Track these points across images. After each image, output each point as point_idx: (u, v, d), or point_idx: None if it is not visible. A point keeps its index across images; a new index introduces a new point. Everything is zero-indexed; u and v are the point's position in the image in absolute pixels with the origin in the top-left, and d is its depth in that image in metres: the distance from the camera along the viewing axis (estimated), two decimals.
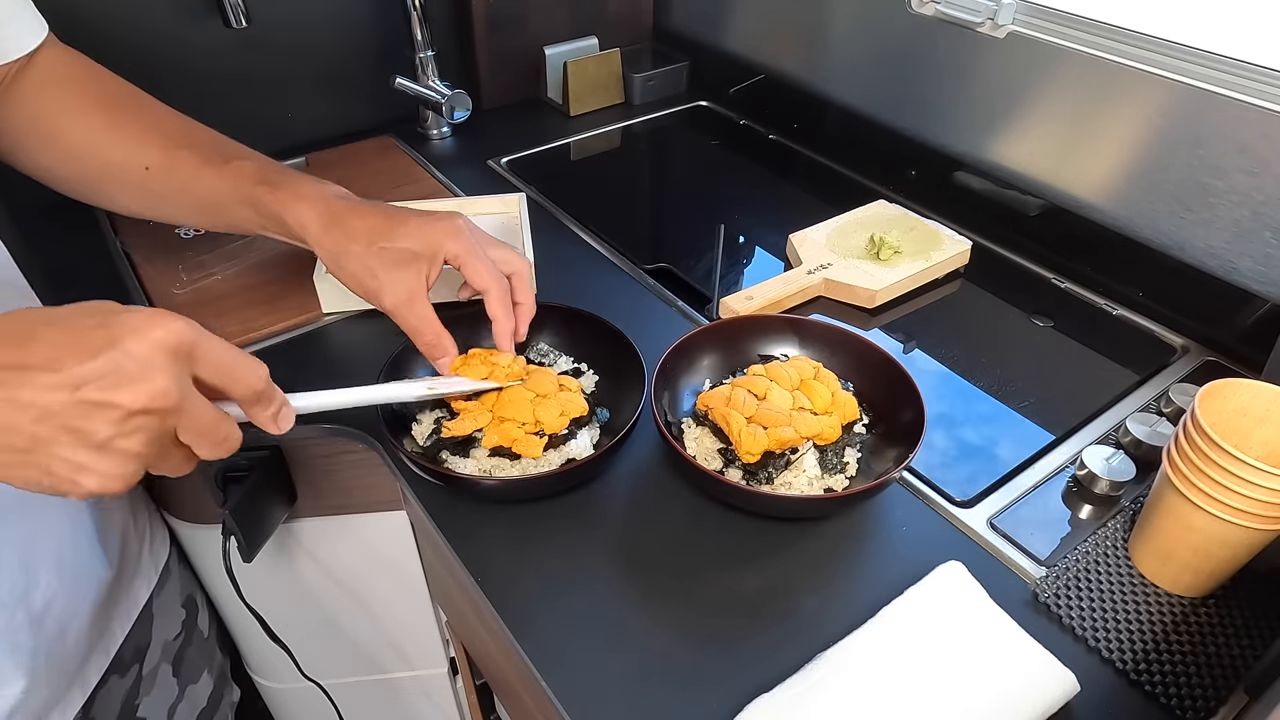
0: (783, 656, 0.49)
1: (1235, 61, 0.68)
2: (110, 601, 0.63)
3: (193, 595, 0.77)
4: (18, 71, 0.61)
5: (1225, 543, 0.49)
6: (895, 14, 0.91)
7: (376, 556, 0.79)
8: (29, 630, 0.55)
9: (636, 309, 0.78)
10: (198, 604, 0.77)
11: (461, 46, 1.09)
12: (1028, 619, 0.52)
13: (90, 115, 0.63)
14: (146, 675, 0.67)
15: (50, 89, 0.62)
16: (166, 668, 0.70)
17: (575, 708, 0.47)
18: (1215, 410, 0.50)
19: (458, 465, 0.59)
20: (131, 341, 0.39)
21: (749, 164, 1.07)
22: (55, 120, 0.62)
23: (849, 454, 0.60)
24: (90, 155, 0.63)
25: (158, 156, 0.63)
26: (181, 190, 0.64)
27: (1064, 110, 0.80)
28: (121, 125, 0.63)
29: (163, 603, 0.70)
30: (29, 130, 0.62)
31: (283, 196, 0.61)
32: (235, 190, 0.62)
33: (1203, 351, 0.74)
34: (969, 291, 0.83)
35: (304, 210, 0.61)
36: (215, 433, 0.43)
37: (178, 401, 0.40)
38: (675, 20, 1.21)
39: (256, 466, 0.66)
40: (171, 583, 0.73)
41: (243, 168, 0.62)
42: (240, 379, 0.44)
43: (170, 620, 0.72)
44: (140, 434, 0.39)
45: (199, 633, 0.76)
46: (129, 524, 0.67)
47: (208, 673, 0.77)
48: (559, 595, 0.53)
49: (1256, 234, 0.69)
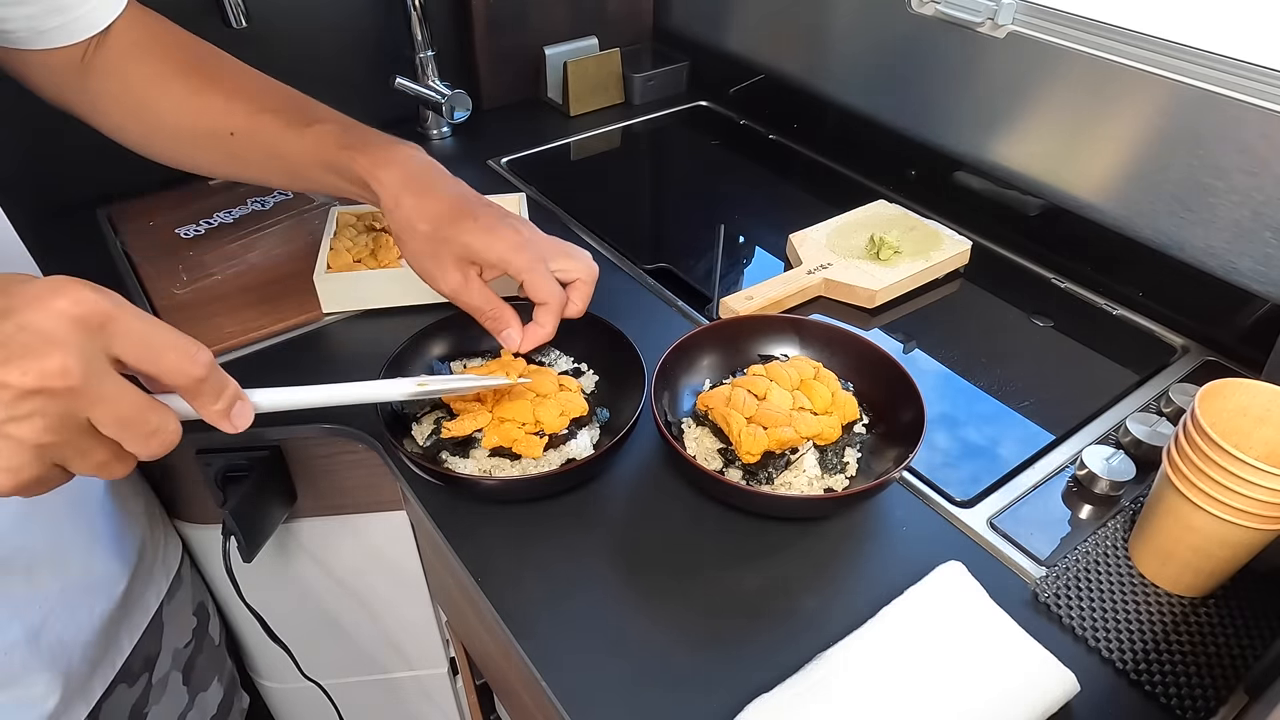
0: (783, 656, 0.49)
1: (1235, 61, 0.68)
2: (122, 612, 0.62)
3: (204, 603, 0.76)
4: (99, 43, 0.60)
5: (1225, 543, 0.49)
6: (895, 14, 0.91)
7: (376, 556, 0.79)
8: (34, 641, 0.54)
9: (636, 309, 0.78)
10: (209, 611, 0.77)
11: (461, 46, 1.09)
12: (1028, 619, 0.52)
13: (173, 83, 0.62)
14: (156, 684, 0.66)
15: (133, 60, 0.62)
16: (177, 675, 0.69)
17: (575, 707, 0.47)
18: (1215, 410, 0.50)
19: (458, 465, 0.59)
20: (29, 311, 0.33)
21: (749, 164, 1.07)
22: (141, 92, 0.62)
23: (849, 454, 0.60)
24: (177, 126, 0.63)
25: (242, 122, 0.62)
26: (267, 155, 0.64)
27: (1064, 110, 0.80)
28: (205, 91, 0.63)
29: (173, 610, 0.70)
30: (117, 103, 0.62)
31: (365, 163, 0.60)
32: (319, 154, 0.62)
33: (1203, 351, 0.74)
34: (969, 291, 0.83)
35: (385, 177, 0.60)
36: (141, 424, 0.36)
37: (80, 381, 0.33)
38: (675, 20, 1.21)
39: (256, 466, 0.66)
40: (183, 590, 0.72)
41: (325, 130, 0.62)
42: (171, 364, 0.37)
43: (181, 628, 0.71)
44: (36, 419, 0.33)
45: (210, 640, 0.75)
46: (146, 534, 0.67)
47: (218, 680, 0.76)
48: (559, 595, 0.53)
49: (1256, 234, 0.69)
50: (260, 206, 0.89)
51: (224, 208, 0.88)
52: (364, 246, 0.77)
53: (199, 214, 0.87)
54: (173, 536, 0.73)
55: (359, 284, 0.74)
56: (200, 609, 0.75)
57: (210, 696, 0.74)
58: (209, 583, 0.80)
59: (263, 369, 0.70)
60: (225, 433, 0.41)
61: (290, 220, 0.87)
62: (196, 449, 0.66)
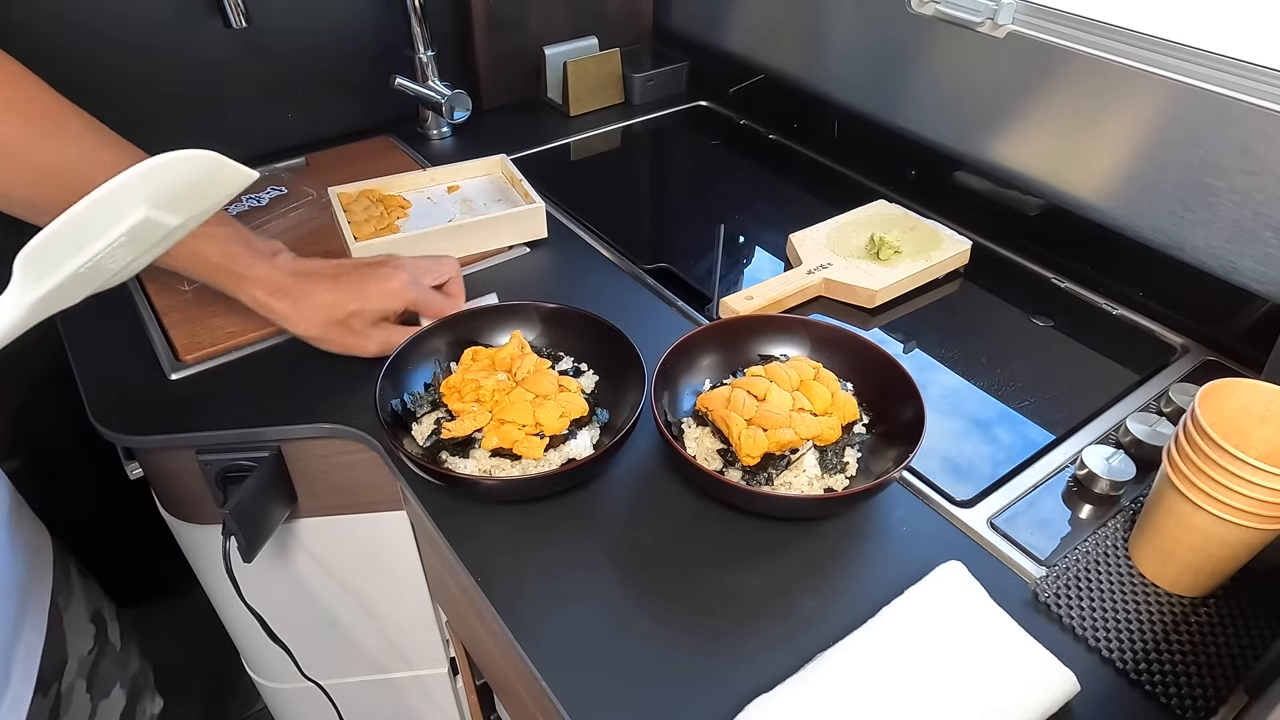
0: (783, 656, 0.49)
1: (1235, 61, 0.68)
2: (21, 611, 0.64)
3: (99, 609, 0.78)
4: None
5: (1225, 542, 0.49)
6: (895, 14, 0.91)
7: (376, 556, 0.79)
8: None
9: (636, 309, 0.78)
10: (105, 617, 0.78)
11: (461, 46, 1.09)
12: (1028, 619, 0.52)
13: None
14: (64, 693, 0.68)
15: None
16: (81, 683, 0.71)
17: (575, 707, 0.47)
18: (1215, 410, 0.50)
19: (458, 465, 0.59)
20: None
21: (749, 164, 1.07)
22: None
23: (849, 454, 0.60)
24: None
25: None
26: None
27: (1064, 110, 0.80)
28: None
29: (71, 619, 0.71)
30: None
31: (234, 281, 0.64)
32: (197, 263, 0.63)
33: (1203, 351, 0.74)
34: (969, 291, 0.83)
35: (255, 291, 0.65)
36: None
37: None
38: (675, 20, 1.21)
39: (256, 466, 0.66)
40: (76, 599, 0.74)
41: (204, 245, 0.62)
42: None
43: (82, 636, 0.73)
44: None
45: (111, 646, 0.77)
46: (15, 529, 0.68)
47: (119, 686, 0.78)
48: (559, 595, 0.53)
49: (1256, 234, 0.69)
50: (256, 203, 0.89)
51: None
52: (380, 217, 0.82)
53: None
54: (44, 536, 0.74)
55: (394, 248, 0.77)
56: (96, 616, 0.76)
57: (112, 704, 0.76)
58: (200, 574, 0.81)
59: (262, 368, 0.70)
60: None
61: (288, 215, 0.87)
62: (197, 449, 0.66)
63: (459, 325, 0.67)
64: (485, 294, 0.76)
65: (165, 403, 0.67)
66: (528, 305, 0.68)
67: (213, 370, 0.70)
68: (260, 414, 0.66)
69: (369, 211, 0.83)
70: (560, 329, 0.68)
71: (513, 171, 0.89)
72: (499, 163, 0.92)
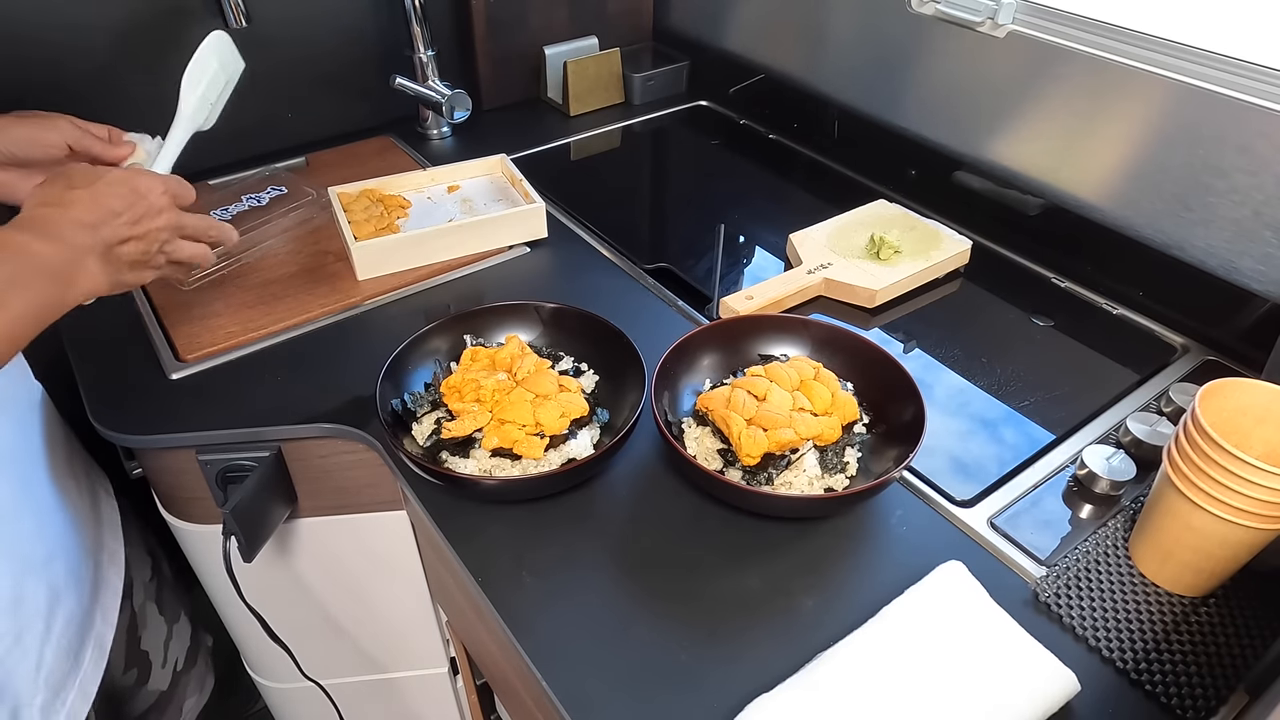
0: (783, 656, 0.49)
1: (1235, 61, 0.68)
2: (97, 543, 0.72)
3: (152, 547, 0.85)
4: None
5: (1225, 542, 0.49)
6: (895, 14, 0.91)
7: (376, 556, 0.79)
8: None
9: (636, 309, 0.78)
10: (158, 554, 0.86)
11: (461, 46, 1.09)
12: (1028, 618, 0.52)
13: None
14: (139, 610, 0.75)
15: None
16: (152, 606, 0.78)
17: (575, 707, 0.47)
18: (1215, 410, 0.50)
19: (458, 465, 0.59)
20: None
21: (749, 164, 1.07)
22: None
23: (849, 454, 0.60)
24: None
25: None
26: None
27: (1064, 110, 0.80)
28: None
29: (130, 548, 0.78)
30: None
31: None
32: None
33: (1203, 351, 0.74)
34: (969, 291, 0.83)
35: None
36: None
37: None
38: (675, 20, 1.21)
39: (256, 466, 0.66)
40: (133, 529, 0.80)
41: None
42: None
43: (141, 564, 0.79)
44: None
45: (166, 578, 0.84)
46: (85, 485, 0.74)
47: (185, 614, 0.87)
48: (559, 595, 0.53)
49: (1256, 233, 0.69)
50: (257, 203, 0.89)
51: (220, 205, 0.88)
52: (380, 217, 0.83)
53: (196, 212, 0.87)
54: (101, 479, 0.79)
55: (394, 248, 0.79)
56: (154, 549, 0.85)
57: (182, 628, 0.84)
58: (199, 572, 0.82)
59: (262, 368, 0.70)
60: None
61: (288, 215, 0.87)
62: (197, 449, 0.66)
63: (459, 325, 0.67)
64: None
65: (165, 402, 0.67)
66: (528, 305, 0.68)
67: (213, 370, 0.70)
68: (260, 414, 0.66)
69: (369, 211, 0.83)
70: (560, 329, 0.68)
71: (513, 171, 0.89)
72: (499, 162, 0.92)
